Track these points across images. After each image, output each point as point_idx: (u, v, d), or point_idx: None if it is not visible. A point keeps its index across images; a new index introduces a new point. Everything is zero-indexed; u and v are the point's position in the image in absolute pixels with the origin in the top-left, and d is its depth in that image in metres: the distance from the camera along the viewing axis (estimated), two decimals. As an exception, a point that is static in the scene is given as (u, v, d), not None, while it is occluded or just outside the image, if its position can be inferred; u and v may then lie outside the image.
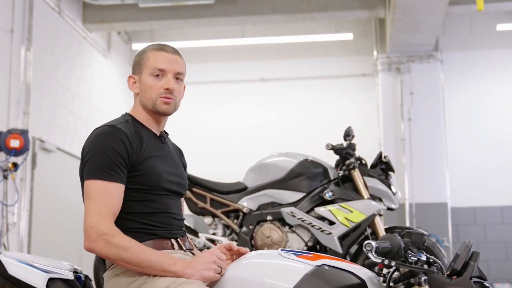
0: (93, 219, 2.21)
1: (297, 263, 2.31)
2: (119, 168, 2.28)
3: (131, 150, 2.32)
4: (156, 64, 2.43)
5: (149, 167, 2.36)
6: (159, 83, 2.43)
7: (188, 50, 9.72)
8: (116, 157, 2.28)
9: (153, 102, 2.43)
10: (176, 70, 2.45)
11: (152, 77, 2.43)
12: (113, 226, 2.22)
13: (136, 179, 2.33)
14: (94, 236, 2.19)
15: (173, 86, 2.43)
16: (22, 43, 6.83)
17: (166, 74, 2.44)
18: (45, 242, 6.97)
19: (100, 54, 8.98)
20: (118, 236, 2.20)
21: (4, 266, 2.24)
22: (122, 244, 2.19)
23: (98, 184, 2.26)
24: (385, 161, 4.69)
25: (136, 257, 2.19)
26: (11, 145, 6.24)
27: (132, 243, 2.20)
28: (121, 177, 2.29)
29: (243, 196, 4.62)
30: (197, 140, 9.40)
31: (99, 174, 2.26)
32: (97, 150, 2.29)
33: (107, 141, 2.30)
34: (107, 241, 2.19)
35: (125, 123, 2.41)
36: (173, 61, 2.46)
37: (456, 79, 9.12)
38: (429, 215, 8.53)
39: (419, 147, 8.73)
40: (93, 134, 2.36)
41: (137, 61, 2.50)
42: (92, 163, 2.29)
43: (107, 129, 2.35)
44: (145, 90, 2.45)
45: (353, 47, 9.74)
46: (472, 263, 2.31)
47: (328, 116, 9.52)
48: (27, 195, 6.75)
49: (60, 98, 7.70)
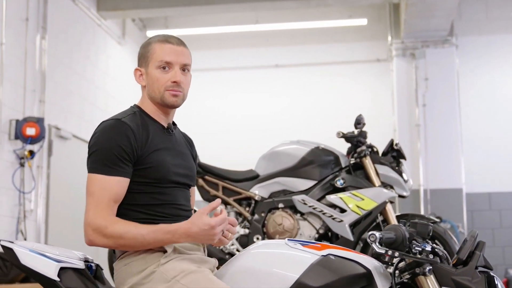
0: (89, 214, 2.28)
1: (303, 253, 2.35)
2: (122, 162, 2.31)
3: (135, 144, 2.34)
4: (163, 57, 2.43)
5: (155, 160, 2.38)
6: (166, 76, 2.43)
7: (202, 36, 9.76)
8: (119, 152, 2.30)
9: (161, 95, 2.44)
10: (183, 62, 2.46)
11: (159, 69, 2.44)
12: (108, 217, 2.26)
13: (142, 172, 2.36)
14: (90, 231, 2.26)
15: (180, 79, 2.44)
16: (37, 32, 6.88)
17: (172, 66, 2.44)
18: (62, 229, 7.05)
19: (115, 41, 9.02)
20: (112, 225, 2.25)
21: (17, 255, 2.29)
22: (116, 233, 2.24)
23: (98, 179, 2.30)
24: (396, 148, 4.69)
25: (133, 242, 2.25)
26: (27, 133, 6.30)
27: (126, 229, 2.24)
28: (123, 171, 2.31)
29: (255, 184, 4.66)
30: (210, 127, 9.44)
31: (101, 168, 2.30)
32: (101, 144, 2.33)
33: (112, 136, 2.33)
34: (102, 234, 2.25)
35: (132, 116, 2.43)
36: (179, 53, 2.46)
37: (471, 64, 9.05)
38: (444, 201, 8.51)
39: (434, 133, 8.70)
40: (99, 127, 2.39)
41: (143, 54, 2.50)
42: (95, 157, 2.33)
43: (112, 123, 2.37)
44: (152, 83, 2.46)
45: (367, 33, 9.69)
46: (477, 253, 2.33)
47: (342, 102, 9.51)
48: (44, 182, 6.84)
49: (75, 85, 7.76)
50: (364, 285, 2.30)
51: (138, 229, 2.25)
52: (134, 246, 2.27)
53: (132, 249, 2.31)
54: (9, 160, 6.29)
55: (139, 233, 2.24)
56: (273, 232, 4.47)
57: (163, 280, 2.24)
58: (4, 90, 6.20)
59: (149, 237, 2.24)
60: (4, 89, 6.20)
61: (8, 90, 6.29)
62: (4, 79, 6.20)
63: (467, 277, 2.26)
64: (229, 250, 4.45)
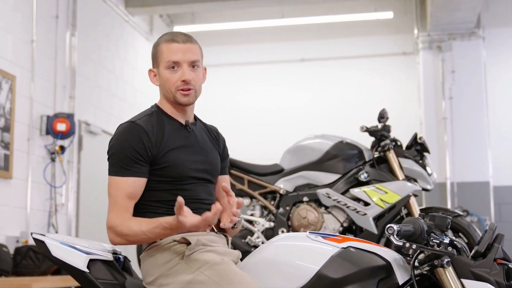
0: (107, 217, 2.41)
1: (324, 245, 2.40)
2: (137, 163, 2.40)
3: (149, 144, 2.42)
4: (169, 57, 2.48)
5: (172, 159, 2.45)
6: (175, 76, 2.48)
7: (228, 31, 9.84)
8: (132, 153, 2.40)
9: (173, 95, 2.51)
10: (190, 59, 2.49)
11: (168, 70, 2.49)
12: (120, 217, 2.38)
13: (160, 171, 2.44)
14: (108, 231, 2.40)
15: (189, 76, 2.48)
16: (66, 29, 7.01)
17: (180, 65, 2.48)
18: (92, 222, 7.18)
19: (143, 37, 9.13)
20: (120, 225, 2.37)
21: (48, 248, 2.38)
22: (123, 232, 2.36)
23: (114, 180, 2.43)
24: (420, 142, 4.70)
25: (138, 238, 2.37)
26: (58, 128, 6.43)
27: (129, 227, 2.35)
28: (138, 171, 2.41)
29: (280, 178, 4.71)
30: (235, 121, 9.49)
31: (116, 170, 2.42)
32: (115, 148, 2.44)
33: (125, 138, 2.42)
34: (115, 233, 2.38)
35: (149, 116, 2.51)
36: (186, 51, 2.49)
37: (498, 56, 8.97)
38: (471, 194, 8.48)
39: (461, 126, 8.66)
40: (116, 131, 2.50)
41: (154, 54, 2.56)
42: (111, 161, 2.45)
43: (126, 125, 2.47)
44: (164, 83, 2.52)
45: (393, 26, 9.66)
46: (496, 245, 2.35)
47: (367, 96, 9.49)
48: (74, 177, 6.98)
49: (104, 81, 7.88)
50: (384, 277, 2.33)
51: (140, 226, 2.34)
52: (141, 241, 2.41)
53: (142, 243, 2.45)
54: (41, 155, 6.43)
55: (141, 230, 2.34)
56: (297, 225, 4.52)
57: (188, 271, 2.32)
58: (36, 86, 6.34)
59: (151, 234, 2.34)
60: (36, 86, 6.34)
61: (39, 87, 6.43)
62: (35, 75, 6.34)
63: (486, 269, 2.28)
64: (255, 243, 4.52)
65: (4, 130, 5.82)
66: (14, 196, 6.00)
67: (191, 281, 2.30)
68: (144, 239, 2.37)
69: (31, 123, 6.28)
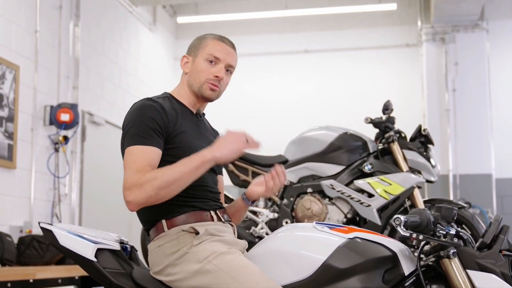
0: (126, 177, 2.31)
1: (330, 236, 2.40)
2: (156, 134, 2.38)
3: (166, 120, 2.42)
4: (213, 52, 2.56)
5: (183, 141, 2.47)
6: (211, 69, 2.55)
7: (231, 22, 9.82)
8: (152, 124, 2.38)
9: (200, 85, 2.55)
10: (230, 63, 2.59)
11: (206, 62, 2.56)
12: (139, 173, 2.29)
13: (170, 151, 2.43)
14: (127, 192, 2.28)
15: (223, 76, 2.56)
16: (70, 19, 7.01)
17: (219, 62, 2.57)
18: (95, 213, 7.21)
19: (146, 28, 9.13)
20: (145, 174, 2.28)
21: (56, 237, 2.38)
22: (149, 178, 2.27)
23: (134, 149, 2.36)
24: (424, 134, 4.70)
25: (167, 177, 2.28)
26: (62, 119, 6.45)
27: (156, 171, 2.30)
28: (157, 142, 2.38)
29: (284, 169, 4.70)
30: (239, 112, 9.49)
31: (137, 140, 2.37)
32: (134, 119, 2.41)
33: (144, 111, 2.42)
34: (138, 185, 2.27)
35: (163, 99, 2.53)
36: (229, 54, 2.60)
37: (502, 48, 8.97)
38: (474, 186, 8.49)
39: (464, 118, 8.67)
40: (131, 107, 2.49)
41: (195, 44, 2.62)
42: (130, 133, 2.40)
43: (144, 101, 2.47)
44: (196, 72, 2.57)
45: (397, 17, 9.64)
46: (501, 237, 2.36)
47: (371, 87, 9.49)
48: (78, 167, 7.00)
49: (107, 72, 7.89)
50: (390, 267, 2.34)
51: (167, 167, 2.31)
52: (170, 183, 2.28)
53: (171, 190, 2.30)
54: (44, 146, 6.45)
55: (169, 168, 2.30)
56: (301, 216, 4.53)
57: (196, 261, 2.33)
58: (39, 76, 6.35)
59: (181, 167, 2.30)
60: (39, 76, 6.35)
61: (42, 77, 6.44)
62: (39, 66, 6.35)
63: (491, 260, 2.29)
64: (259, 233, 4.52)
65: (8, 120, 5.83)
66: (18, 186, 6.01)
67: (199, 270, 2.31)
68: (171, 176, 2.28)
69: (35, 113, 6.29)
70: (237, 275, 2.27)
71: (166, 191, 2.29)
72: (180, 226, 2.42)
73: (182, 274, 2.34)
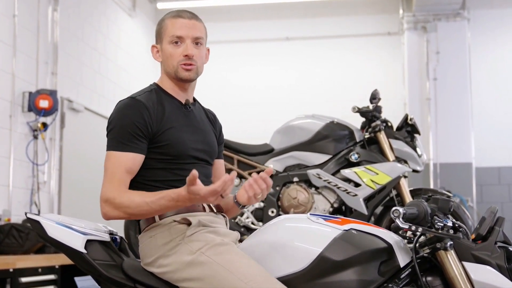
0: (103, 189, 2.32)
1: (326, 227, 2.38)
2: (136, 139, 2.35)
3: (150, 120, 2.38)
4: (174, 32, 2.48)
5: (172, 137, 2.42)
6: (178, 50, 2.48)
7: (213, 8, 9.71)
8: (133, 129, 2.35)
9: (174, 70, 2.49)
10: (194, 35, 2.49)
11: (171, 44, 2.49)
12: (118, 189, 2.30)
13: (160, 149, 2.40)
14: (103, 204, 2.31)
15: (192, 52, 2.47)
16: (49, 3, 6.87)
17: (184, 40, 2.48)
18: (75, 200, 7.12)
19: (126, 13, 9.00)
20: (120, 196, 2.28)
21: (44, 228, 2.33)
22: (123, 203, 2.27)
23: (112, 155, 2.35)
24: (411, 123, 4.70)
25: (139, 210, 2.28)
26: (41, 105, 6.32)
27: (131, 198, 2.27)
28: (137, 147, 2.36)
29: (270, 158, 4.67)
30: (221, 100, 9.41)
31: (115, 145, 2.36)
32: (115, 122, 2.39)
33: (126, 114, 2.38)
34: (113, 205, 2.29)
35: (148, 93, 2.48)
36: (191, 27, 2.49)
37: (483, 38, 8.99)
38: (454, 175, 8.54)
39: (445, 107, 8.69)
40: (115, 107, 2.45)
41: (158, 30, 2.56)
42: (110, 136, 2.39)
43: (127, 101, 2.43)
44: (166, 58, 2.50)
45: (379, 5, 9.62)
46: (497, 228, 2.36)
47: (353, 75, 9.47)
48: (57, 154, 6.88)
49: (87, 58, 7.76)
50: (385, 259, 2.34)
51: (143, 197, 2.28)
52: (142, 214, 2.31)
53: (141, 217, 2.37)
54: (23, 132, 6.33)
55: (144, 201, 2.27)
56: (287, 206, 4.50)
57: (188, 252, 2.29)
58: (17, 62, 6.21)
59: (154, 205, 2.26)
60: (17, 61, 6.21)
61: (21, 62, 6.30)
62: (17, 51, 6.21)
63: (487, 252, 2.30)
64: (244, 223, 4.49)
65: (-14, 106, 5.71)
66: (-4, 173, 5.90)
67: (191, 262, 2.27)
68: (146, 211, 2.28)
69: (13, 100, 6.16)
70: (231, 267, 2.23)
71: (138, 217, 2.36)
72: (172, 216, 2.37)
73: (174, 266, 2.30)
